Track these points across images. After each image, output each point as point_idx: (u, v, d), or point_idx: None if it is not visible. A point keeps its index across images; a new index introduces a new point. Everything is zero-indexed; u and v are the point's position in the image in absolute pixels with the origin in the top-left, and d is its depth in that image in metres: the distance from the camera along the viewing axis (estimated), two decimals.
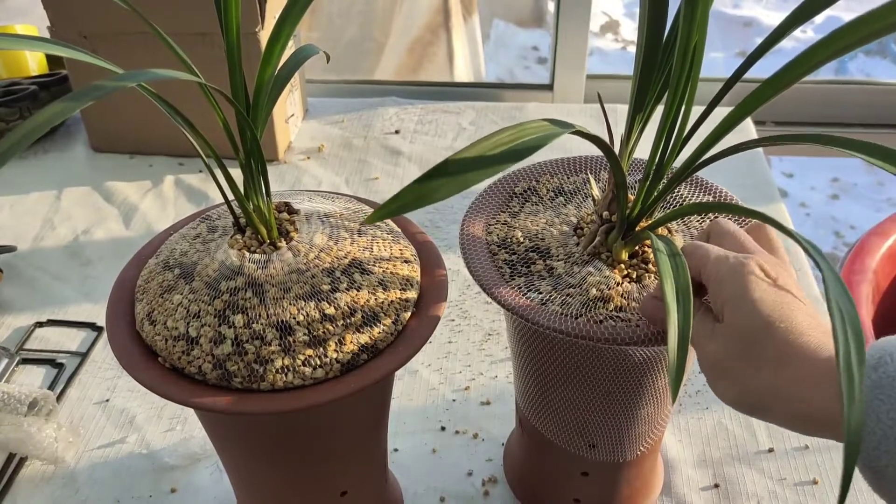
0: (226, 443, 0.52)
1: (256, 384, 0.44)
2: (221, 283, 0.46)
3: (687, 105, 0.44)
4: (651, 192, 0.48)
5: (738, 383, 0.41)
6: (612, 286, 0.48)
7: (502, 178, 0.58)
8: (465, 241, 0.53)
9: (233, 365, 0.44)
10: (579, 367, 0.51)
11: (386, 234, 0.52)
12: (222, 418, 0.48)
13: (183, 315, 0.46)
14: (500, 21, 2.99)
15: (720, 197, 0.56)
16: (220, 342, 0.45)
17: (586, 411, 0.54)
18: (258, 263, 0.47)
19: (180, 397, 0.43)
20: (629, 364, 0.50)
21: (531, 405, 0.57)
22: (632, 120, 0.48)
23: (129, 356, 0.46)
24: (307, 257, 0.47)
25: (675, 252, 0.41)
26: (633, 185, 0.55)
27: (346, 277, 0.47)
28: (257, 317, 0.45)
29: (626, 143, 0.50)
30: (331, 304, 0.46)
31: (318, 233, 0.49)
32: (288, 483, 0.53)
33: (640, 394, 0.52)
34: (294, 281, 0.46)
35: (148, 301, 0.48)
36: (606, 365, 0.50)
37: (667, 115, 0.44)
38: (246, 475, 0.54)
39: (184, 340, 0.45)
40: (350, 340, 0.45)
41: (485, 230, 0.54)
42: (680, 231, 0.53)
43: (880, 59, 2.85)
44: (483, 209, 0.56)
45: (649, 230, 0.47)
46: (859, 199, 2.37)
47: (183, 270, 0.48)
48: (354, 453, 0.53)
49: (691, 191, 0.56)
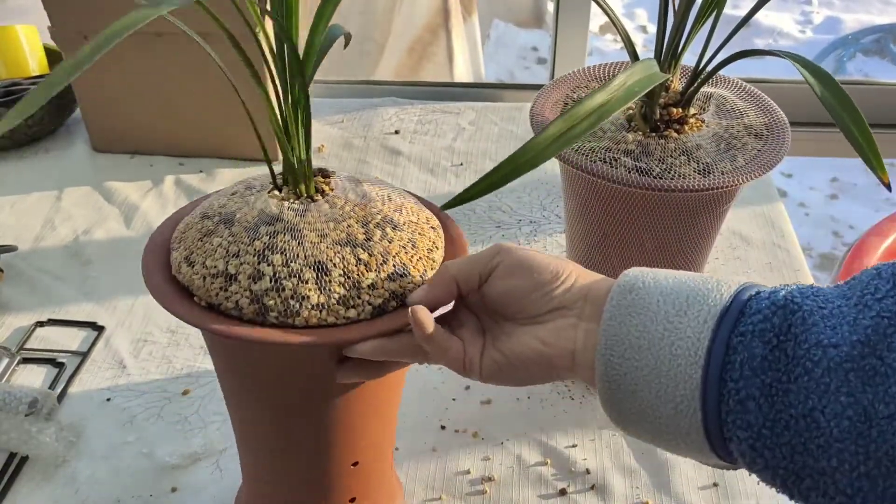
0: (246, 394, 0.54)
1: (291, 319, 0.46)
2: (261, 227, 0.49)
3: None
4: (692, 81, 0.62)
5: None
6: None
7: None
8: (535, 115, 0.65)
9: (270, 300, 0.47)
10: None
11: (413, 202, 0.54)
12: (250, 359, 0.50)
13: (222, 255, 0.48)
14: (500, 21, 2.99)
15: (739, 88, 0.69)
16: (259, 278, 0.47)
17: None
18: (296, 211, 0.50)
19: (221, 329, 0.46)
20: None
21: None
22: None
23: (166, 295, 0.48)
24: (343, 209, 0.50)
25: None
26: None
27: (378, 230, 0.50)
28: (295, 257, 0.48)
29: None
30: (365, 250, 0.49)
31: (351, 192, 0.52)
32: (303, 447, 0.54)
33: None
34: (331, 228, 0.49)
35: (186, 247, 0.51)
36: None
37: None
38: (262, 437, 0.56)
39: (222, 277, 0.48)
40: (382, 286, 0.48)
41: (553, 111, 0.66)
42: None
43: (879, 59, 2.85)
44: (552, 93, 0.67)
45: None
46: (858, 199, 2.37)
47: (222, 218, 0.51)
48: (370, 419, 0.55)
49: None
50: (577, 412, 0.73)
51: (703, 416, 0.39)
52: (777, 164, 0.61)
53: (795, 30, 3.10)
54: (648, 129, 0.63)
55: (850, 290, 0.38)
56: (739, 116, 0.65)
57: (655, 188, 0.58)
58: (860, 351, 0.36)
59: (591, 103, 0.45)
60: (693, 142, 0.62)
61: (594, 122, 0.44)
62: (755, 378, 0.38)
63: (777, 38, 3.02)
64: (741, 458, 0.39)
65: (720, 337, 0.39)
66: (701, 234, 0.65)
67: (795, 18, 3.19)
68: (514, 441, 0.71)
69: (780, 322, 0.38)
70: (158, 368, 0.77)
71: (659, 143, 0.61)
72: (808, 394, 0.36)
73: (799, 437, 0.37)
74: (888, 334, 0.35)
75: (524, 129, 1.13)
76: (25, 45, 1.13)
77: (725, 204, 0.64)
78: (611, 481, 0.67)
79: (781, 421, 0.37)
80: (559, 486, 0.67)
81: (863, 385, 0.35)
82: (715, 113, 0.66)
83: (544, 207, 0.98)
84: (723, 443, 0.40)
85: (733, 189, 0.60)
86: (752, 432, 0.38)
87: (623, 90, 0.47)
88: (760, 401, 0.38)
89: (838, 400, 0.36)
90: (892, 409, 0.34)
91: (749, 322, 0.39)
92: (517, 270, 0.46)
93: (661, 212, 0.61)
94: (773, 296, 0.39)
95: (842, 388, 0.36)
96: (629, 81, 0.47)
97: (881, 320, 0.36)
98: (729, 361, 0.39)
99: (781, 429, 0.37)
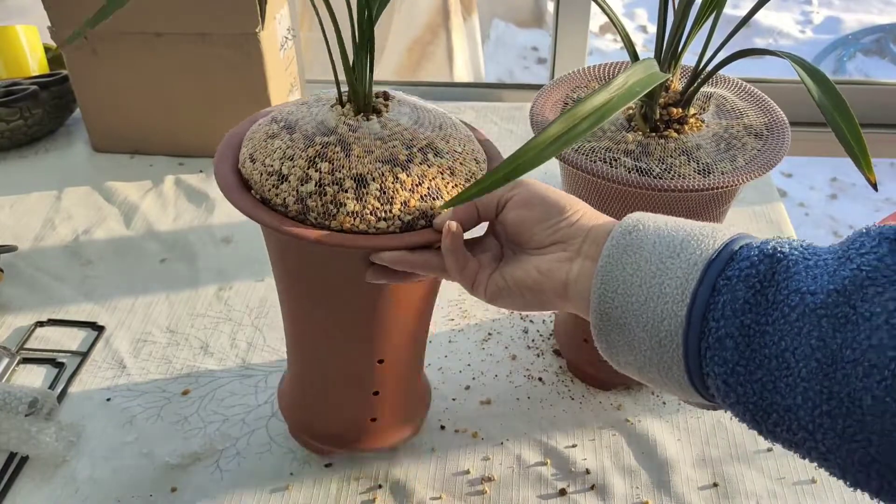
0: (289, 284, 0.60)
1: (328, 221, 0.51)
2: (316, 137, 0.54)
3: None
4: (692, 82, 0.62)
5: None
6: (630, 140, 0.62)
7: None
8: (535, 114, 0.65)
9: (312, 202, 0.52)
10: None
11: (463, 135, 0.58)
12: (291, 252, 0.56)
13: (279, 156, 0.54)
14: (500, 21, 2.99)
15: (739, 88, 0.69)
16: (306, 181, 0.52)
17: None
18: (350, 127, 0.54)
19: (269, 222, 0.51)
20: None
21: None
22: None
23: (229, 187, 0.54)
24: (392, 130, 0.55)
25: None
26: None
27: (420, 154, 0.54)
28: (340, 167, 0.52)
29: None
30: (404, 170, 0.53)
31: (405, 116, 0.56)
32: (333, 340, 0.60)
33: None
34: (377, 147, 0.53)
35: (252, 145, 0.56)
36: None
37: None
38: (299, 327, 0.62)
39: (276, 176, 0.53)
40: (413, 205, 0.52)
41: (553, 110, 0.66)
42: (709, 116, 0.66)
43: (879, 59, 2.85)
44: (552, 92, 0.68)
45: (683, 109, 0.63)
46: (858, 199, 2.37)
47: (286, 124, 0.56)
48: (395, 322, 0.60)
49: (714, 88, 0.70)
50: (577, 412, 0.73)
51: (684, 350, 0.42)
52: (777, 163, 0.61)
53: (795, 30, 3.10)
54: (648, 129, 0.63)
55: (838, 247, 0.40)
56: (739, 116, 0.66)
57: (655, 188, 0.58)
58: (835, 299, 0.37)
59: (591, 103, 0.45)
60: (693, 142, 0.62)
61: (595, 122, 0.44)
62: (735, 319, 0.40)
63: (777, 38, 3.02)
64: (717, 392, 0.42)
65: (707, 279, 0.41)
66: None
67: (795, 18, 3.19)
68: (513, 441, 0.71)
69: (765, 269, 0.40)
70: (158, 368, 0.77)
71: (659, 143, 0.61)
72: (782, 335, 0.39)
73: (769, 376, 0.39)
74: (864, 286, 0.37)
75: (524, 128, 1.13)
76: (25, 44, 1.13)
77: (725, 204, 0.64)
78: (611, 481, 0.67)
79: (755, 360, 0.39)
80: (559, 486, 0.67)
81: (833, 331, 0.37)
82: (715, 113, 0.66)
83: None
84: (702, 379, 0.42)
85: (733, 189, 0.60)
86: (728, 368, 0.40)
87: (624, 90, 0.47)
88: (738, 339, 0.40)
89: (809, 343, 0.37)
90: (858, 354, 0.36)
91: (736, 268, 0.41)
92: (531, 202, 0.50)
93: (661, 212, 0.61)
94: (763, 245, 0.42)
95: (813, 332, 0.37)
96: (630, 81, 0.47)
97: (859, 272, 0.37)
98: (713, 302, 0.41)
99: (755, 367, 0.40)
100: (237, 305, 0.84)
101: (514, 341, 0.80)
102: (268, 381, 0.76)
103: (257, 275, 0.88)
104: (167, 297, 0.85)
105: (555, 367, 0.78)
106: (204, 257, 0.91)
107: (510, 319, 0.83)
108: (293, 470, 0.68)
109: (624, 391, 0.75)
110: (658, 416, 0.73)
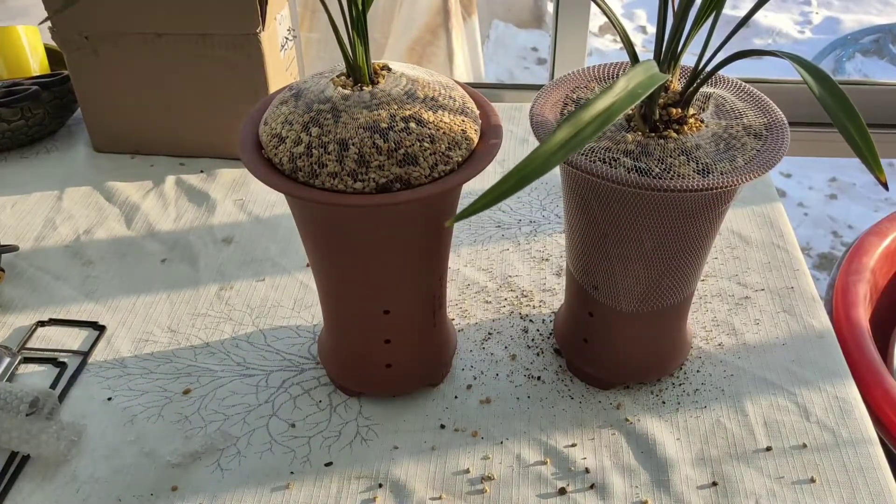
0: (303, 231, 0.66)
1: (312, 181, 0.58)
2: (314, 104, 0.60)
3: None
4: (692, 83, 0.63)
5: None
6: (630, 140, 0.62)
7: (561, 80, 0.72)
8: (536, 116, 0.66)
9: (301, 162, 0.58)
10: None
11: (458, 112, 0.62)
12: (295, 207, 0.63)
13: (282, 121, 0.60)
14: (500, 22, 3.00)
15: (739, 88, 0.69)
16: (298, 144, 0.58)
17: (588, 249, 0.68)
18: (343, 97, 0.60)
19: (270, 180, 0.58)
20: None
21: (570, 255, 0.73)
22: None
23: (245, 145, 0.61)
24: (379, 100, 0.60)
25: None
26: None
27: (402, 123, 0.59)
28: (328, 132, 0.58)
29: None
30: (382, 136, 0.58)
31: (397, 87, 0.61)
32: (340, 292, 0.67)
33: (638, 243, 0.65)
34: (363, 115, 0.58)
35: (270, 111, 0.63)
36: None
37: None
38: (319, 281, 0.69)
39: (277, 138, 0.60)
40: (388, 169, 0.57)
41: (553, 111, 0.68)
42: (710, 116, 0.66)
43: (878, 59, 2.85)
44: (552, 93, 0.69)
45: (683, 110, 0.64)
46: (857, 199, 2.37)
47: (296, 92, 0.62)
48: (399, 272, 0.65)
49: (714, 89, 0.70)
50: (577, 412, 0.73)
51: None
52: (776, 164, 0.61)
53: (794, 30, 3.10)
54: (648, 130, 0.63)
55: None
56: (738, 116, 0.66)
57: (655, 188, 0.58)
58: None
59: (595, 108, 0.45)
60: (692, 142, 0.62)
61: (600, 126, 0.44)
62: None
63: (776, 39, 3.02)
64: None
65: None
66: (700, 234, 0.65)
67: (794, 19, 3.19)
68: (513, 440, 0.71)
69: None
70: (159, 368, 0.77)
71: (658, 143, 0.61)
72: None
73: None
74: None
75: (524, 128, 1.13)
76: (26, 45, 1.13)
77: (725, 204, 0.64)
78: (610, 480, 0.67)
79: None
80: (559, 486, 0.67)
81: None
82: (714, 113, 0.66)
83: (544, 207, 0.98)
84: None
85: (732, 189, 0.61)
86: None
87: (626, 93, 0.47)
88: None
89: None
90: None
91: None
92: None
93: (661, 212, 0.62)
94: None
95: None
96: (631, 84, 0.48)
97: None
98: None
99: None
100: (238, 305, 0.85)
101: (514, 341, 0.81)
102: (268, 381, 0.76)
103: (258, 274, 0.88)
104: (168, 297, 0.86)
105: (554, 366, 0.78)
106: (205, 257, 0.91)
107: (510, 319, 0.83)
108: (294, 469, 0.68)
109: (623, 390, 0.75)
110: (657, 415, 0.73)
